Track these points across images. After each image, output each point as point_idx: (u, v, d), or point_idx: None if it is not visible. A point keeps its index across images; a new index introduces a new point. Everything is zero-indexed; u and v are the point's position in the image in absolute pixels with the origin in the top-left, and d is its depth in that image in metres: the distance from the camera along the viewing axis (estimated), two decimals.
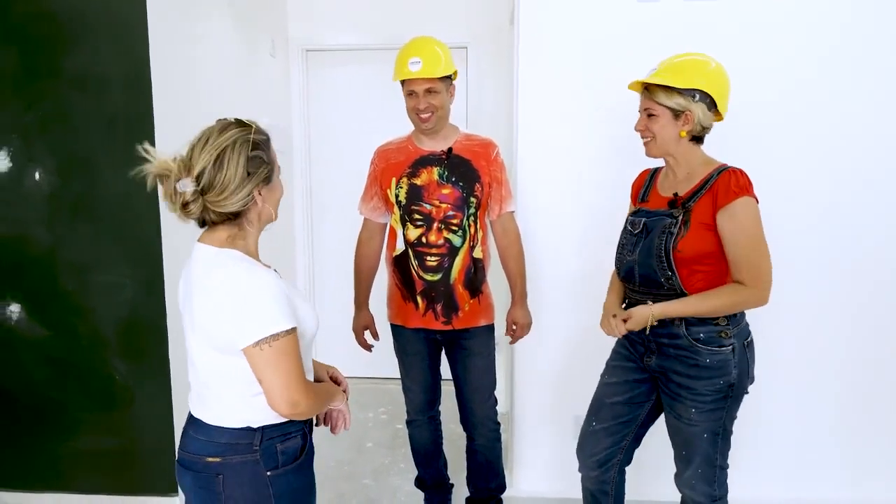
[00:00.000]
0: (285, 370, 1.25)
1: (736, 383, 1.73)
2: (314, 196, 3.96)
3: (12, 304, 2.45)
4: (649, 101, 1.76)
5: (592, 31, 2.46)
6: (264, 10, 3.43)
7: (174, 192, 1.23)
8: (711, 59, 1.76)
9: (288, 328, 1.25)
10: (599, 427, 1.94)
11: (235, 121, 1.29)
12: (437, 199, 2.17)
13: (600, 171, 2.51)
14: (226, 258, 1.27)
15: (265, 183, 1.30)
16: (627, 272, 1.83)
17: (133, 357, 2.45)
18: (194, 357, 1.33)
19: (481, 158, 2.19)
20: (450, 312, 2.22)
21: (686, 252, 1.69)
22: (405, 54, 2.12)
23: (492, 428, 2.34)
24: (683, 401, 1.76)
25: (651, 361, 1.83)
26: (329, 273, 4.00)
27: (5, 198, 2.41)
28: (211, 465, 1.30)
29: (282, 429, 1.33)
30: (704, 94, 1.69)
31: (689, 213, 1.70)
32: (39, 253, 2.42)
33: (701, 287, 1.72)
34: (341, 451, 3.11)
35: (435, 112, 2.13)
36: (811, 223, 2.45)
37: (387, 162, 2.26)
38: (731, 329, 1.73)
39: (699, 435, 1.77)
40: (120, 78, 2.31)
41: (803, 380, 2.54)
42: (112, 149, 2.35)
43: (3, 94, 2.35)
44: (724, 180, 1.68)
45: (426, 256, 2.19)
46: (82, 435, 2.51)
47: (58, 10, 2.29)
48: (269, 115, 3.45)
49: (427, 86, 2.11)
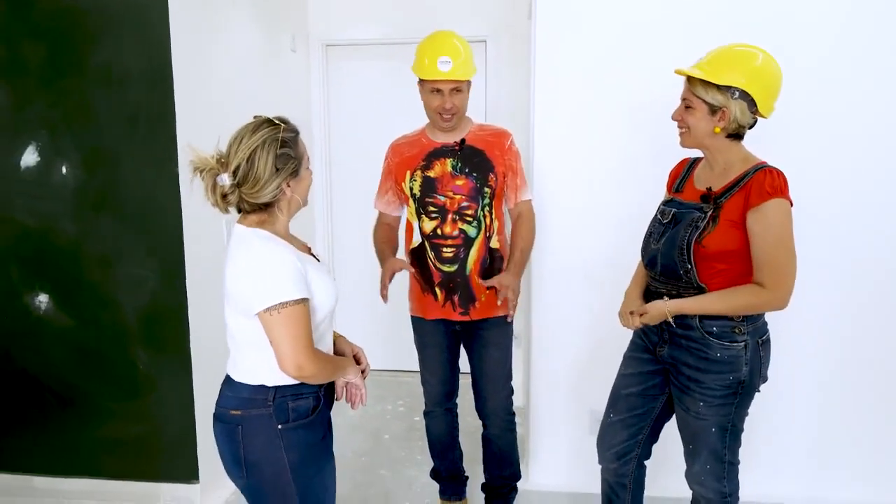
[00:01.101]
0: (293, 335, 1.39)
1: (746, 381, 1.72)
2: (334, 190, 3.99)
3: (41, 294, 2.53)
4: (688, 92, 1.72)
5: (611, 23, 2.44)
6: (285, 6, 3.46)
7: (214, 185, 1.41)
8: (761, 53, 1.69)
9: (297, 297, 1.40)
10: (616, 419, 1.95)
11: (267, 120, 1.45)
12: (451, 191, 2.18)
13: (618, 164, 2.49)
14: (253, 236, 1.45)
15: (293, 176, 1.46)
16: (651, 260, 1.83)
17: (155, 347, 2.51)
18: (227, 321, 1.50)
19: (495, 148, 2.20)
20: (467, 303, 2.23)
21: (710, 248, 1.68)
22: (434, 52, 2.12)
23: (506, 418, 2.36)
24: (692, 393, 1.76)
25: (663, 351, 1.83)
26: (348, 266, 4.04)
27: (34, 191, 2.47)
28: (234, 416, 1.48)
29: (295, 389, 1.48)
30: (745, 92, 1.64)
31: (719, 210, 1.68)
32: (66, 245, 2.48)
33: (719, 284, 1.70)
34: (358, 441, 3.15)
35: (458, 112, 2.15)
36: (835, 222, 2.41)
37: (401, 156, 2.28)
38: (746, 326, 1.71)
39: (707, 429, 1.76)
40: (142, 73, 2.35)
41: (822, 378, 2.50)
42: (135, 143, 2.40)
43: (31, 89, 2.41)
44: (759, 180, 1.64)
45: (442, 248, 2.21)
46: (107, 422, 2.58)
47: (83, 6, 2.34)
48: (290, 110, 3.47)
49: (454, 86, 2.12)
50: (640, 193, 2.24)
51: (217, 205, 1.44)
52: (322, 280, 1.50)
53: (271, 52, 3.25)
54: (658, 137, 2.11)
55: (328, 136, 3.92)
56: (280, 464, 1.46)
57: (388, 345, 4.00)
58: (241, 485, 1.53)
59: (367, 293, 4.03)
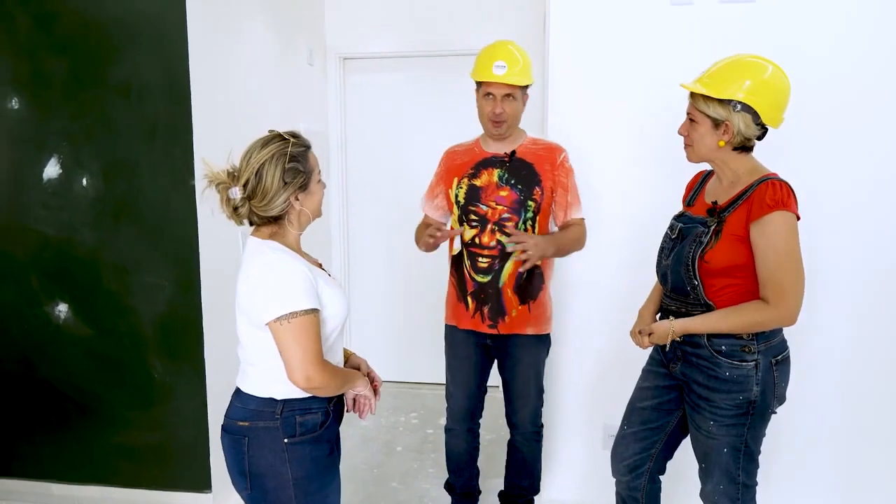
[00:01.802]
0: (302, 346, 1.40)
1: (758, 401, 1.67)
2: (350, 201, 4.02)
3: (60, 303, 2.57)
4: (691, 107, 1.70)
5: (624, 34, 2.43)
6: (302, 19, 3.51)
7: (227, 198, 1.45)
8: (768, 63, 1.65)
9: (307, 308, 1.41)
10: (629, 431, 1.93)
11: (277, 135, 1.48)
12: (494, 201, 2.17)
13: (633, 177, 2.48)
14: (265, 247, 1.47)
15: (302, 190, 1.49)
16: (663, 277, 1.81)
17: (171, 356, 2.54)
18: (239, 332, 1.51)
19: (545, 162, 2.18)
20: (496, 316, 2.21)
21: (713, 263, 1.65)
22: (491, 56, 2.13)
23: (532, 430, 2.34)
24: (703, 412, 1.73)
25: (676, 368, 1.80)
26: (365, 276, 4.06)
27: (55, 202, 2.53)
28: (241, 428, 1.49)
29: (304, 403, 1.48)
30: (746, 105, 1.60)
31: (722, 224, 1.65)
32: (85, 255, 2.53)
33: (728, 301, 1.67)
34: (371, 453, 3.14)
35: (507, 119, 2.14)
36: (858, 235, 2.35)
37: (452, 162, 2.29)
38: (756, 345, 1.67)
39: (718, 449, 1.72)
40: (161, 87, 2.40)
41: (847, 399, 2.43)
42: (153, 155, 2.44)
43: (54, 102, 2.48)
44: (761, 192, 1.60)
45: (478, 257, 2.20)
46: (122, 430, 2.61)
47: (104, 21, 2.40)
48: (307, 122, 3.53)
49: (507, 91, 2.12)
50: (655, 205, 2.22)
51: (231, 217, 1.48)
52: (333, 292, 1.50)
53: (288, 66, 3.30)
54: (673, 148, 2.09)
55: (344, 148, 3.96)
56: (283, 478, 1.46)
57: (402, 356, 4.01)
58: (245, 497, 1.53)
59: (383, 304, 4.07)
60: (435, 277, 2.30)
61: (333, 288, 1.52)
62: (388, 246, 3.96)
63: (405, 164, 3.87)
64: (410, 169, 3.78)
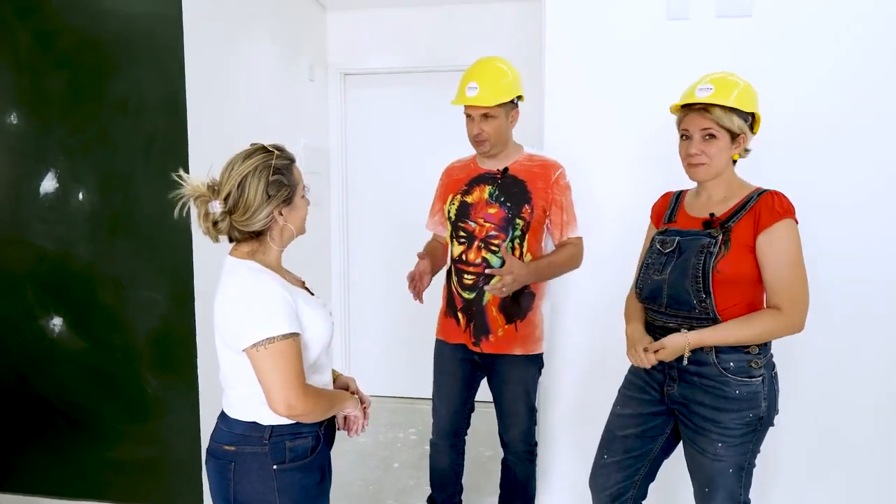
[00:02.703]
0: (282, 372, 1.33)
1: (765, 416, 1.65)
2: (351, 218, 4.02)
3: (55, 317, 2.58)
4: (708, 122, 1.65)
5: (621, 49, 2.43)
6: (304, 35, 3.53)
7: (206, 212, 1.39)
8: (740, 79, 1.70)
9: (285, 332, 1.34)
10: (611, 460, 1.87)
11: (261, 147, 1.43)
12: (483, 218, 2.15)
13: (626, 193, 2.46)
14: (241, 268, 1.41)
15: (286, 204, 1.42)
16: (653, 292, 1.74)
17: (164, 370, 2.53)
18: (219, 355, 1.46)
19: (538, 180, 2.15)
20: (480, 334, 2.18)
21: (726, 273, 1.62)
22: (466, 77, 2.12)
23: (523, 449, 2.29)
24: (708, 434, 1.67)
25: (673, 390, 1.74)
26: (364, 292, 4.05)
27: (52, 216, 2.54)
28: (227, 452, 1.42)
29: (293, 427, 1.42)
30: (754, 116, 1.67)
31: (729, 234, 1.63)
32: (81, 268, 2.54)
33: (735, 312, 1.64)
34: (368, 470, 3.11)
35: (489, 139, 2.12)
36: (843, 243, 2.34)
37: (450, 178, 2.29)
38: (762, 359, 1.65)
39: (724, 470, 1.67)
40: (157, 102, 2.41)
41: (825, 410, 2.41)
42: (148, 170, 2.45)
43: (52, 117, 2.50)
44: (767, 202, 1.62)
45: (464, 274, 2.18)
46: (116, 445, 2.59)
47: (103, 38, 2.42)
48: (308, 137, 3.54)
49: (483, 111, 2.09)
50: None
51: (209, 233, 1.41)
52: (315, 314, 1.44)
53: (289, 81, 3.31)
54: (671, 162, 2.07)
55: (345, 163, 3.97)
56: None
57: (402, 372, 3.98)
58: None
59: (384, 320, 4.05)
60: (435, 293, 2.30)
61: (315, 308, 1.45)
62: (388, 260, 3.94)
63: (406, 179, 3.87)
64: (411, 184, 3.78)
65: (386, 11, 3.73)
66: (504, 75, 2.12)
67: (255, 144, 1.45)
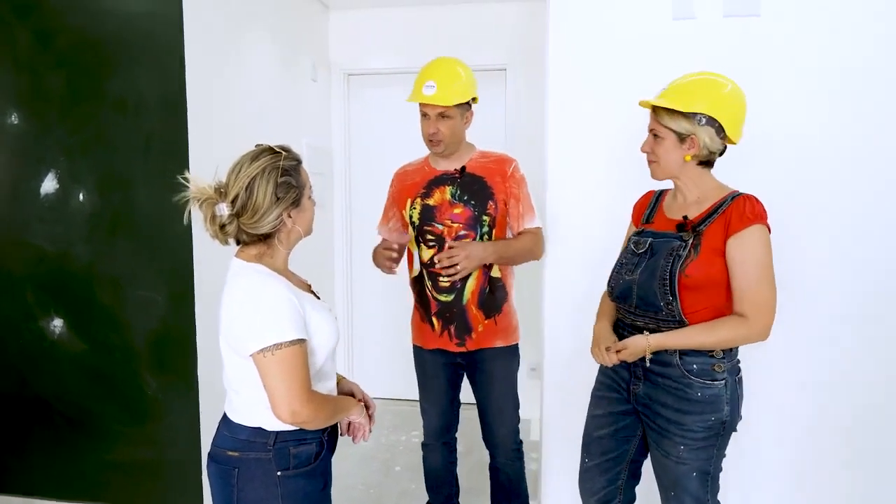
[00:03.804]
0: (287, 378, 1.31)
1: (727, 420, 1.64)
2: (354, 218, 4.00)
3: (55, 317, 2.56)
4: (654, 123, 1.69)
5: (625, 50, 2.39)
6: (306, 35, 3.52)
7: (213, 215, 1.36)
8: (728, 81, 1.67)
9: (292, 339, 1.32)
10: (591, 464, 1.87)
11: (268, 148, 1.41)
12: (449, 219, 2.14)
13: (631, 195, 2.41)
14: (249, 270, 1.39)
15: (294, 206, 1.41)
16: (623, 292, 1.75)
17: (164, 371, 2.51)
18: (224, 359, 1.43)
19: (496, 175, 2.15)
20: (463, 334, 2.18)
21: (694, 277, 1.61)
22: (423, 76, 2.11)
23: (513, 448, 2.28)
24: (671, 436, 1.67)
25: (638, 389, 1.74)
26: (367, 294, 4.02)
27: (52, 216, 2.52)
28: (231, 458, 1.40)
29: (297, 433, 1.40)
30: (711, 118, 1.60)
31: (699, 237, 1.63)
32: (80, 269, 2.52)
33: (702, 317, 1.63)
34: (369, 473, 3.08)
35: (444, 139, 2.11)
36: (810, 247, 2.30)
37: (403, 183, 2.27)
38: (725, 363, 1.64)
39: (688, 474, 1.66)
40: (157, 102, 2.40)
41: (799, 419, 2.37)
42: (148, 169, 2.43)
43: (52, 117, 2.48)
44: (739, 206, 1.60)
45: (439, 277, 2.16)
46: (114, 446, 2.58)
47: (102, 37, 2.41)
48: (310, 138, 3.52)
49: (439, 111, 2.09)
50: None
51: (216, 236, 1.39)
52: (322, 319, 1.42)
53: (291, 81, 3.30)
54: None
55: (348, 164, 3.95)
56: None
57: (404, 374, 3.93)
58: None
59: (387, 322, 4.02)
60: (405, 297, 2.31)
61: (322, 313, 1.43)
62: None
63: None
64: None
65: (389, 11, 3.71)
66: (459, 77, 2.12)
67: (262, 145, 1.42)
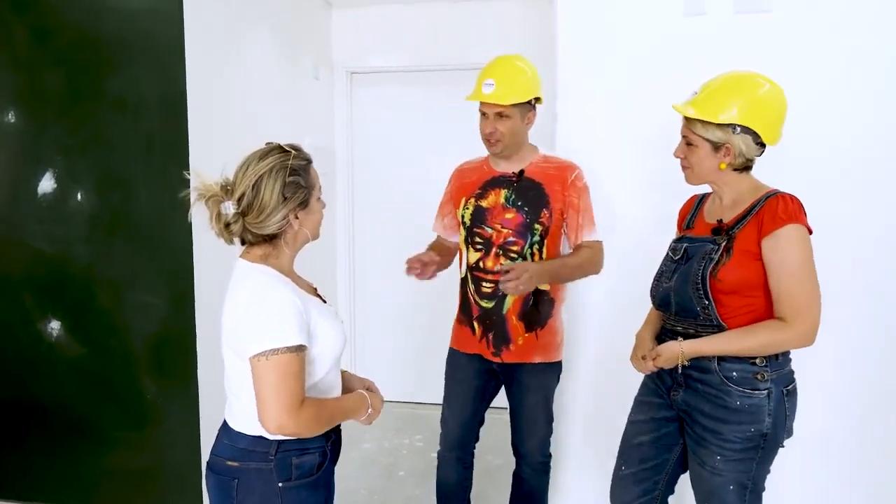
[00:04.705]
0: (277, 387, 1.26)
1: (769, 433, 1.56)
2: (356, 218, 3.96)
3: (53, 320, 2.52)
4: (686, 130, 1.63)
5: (636, 47, 2.35)
6: (308, 33, 3.47)
7: (218, 213, 1.32)
8: (765, 80, 1.58)
9: (292, 344, 1.27)
10: (627, 472, 1.81)
11: (277, 146, 1.37)
12: (500, 224, 2.07)
13: (641, 198, 2.38)
14: (254, 272, 1.35)
15: (302, 207, 1.37)
16: (663, 299, 1.71)
17: (163, 375, 2.46)
18: (225, 362, 1.39)
19: (555, 182, 2.06)
20: (500, 344, 2.10)
21: (726, 281, 1.55)
22: (483, 74, 2.04)
23: (540, 460, 2.22)
24: (708, 445, 1.61)
25: (678, 396, 1.69)
26: (370, 293, 3.98)
27: (50, 217, 2.48)
28: (230, 468, 1.35)
29: (300, 443, 1.35)
30: (746, 127, 1.54)
31: (732, 240, 1.57)
32: (79, 271, 2.48)
33: (742, 321, 1.57)
34: (372, 478, 3.03)
35: (502, 139, 2.04)
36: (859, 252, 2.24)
37: (461, 181, 2.20)
38: (769, 372, 1.56)
39: (724, 486, 1.60)
40: (157, 101, 2.35)
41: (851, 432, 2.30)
42: (148, 169, 2.39)
43: (50, 116, 2.44)
44: (772, 206, 1.54)
45: (482, 282, 2.10)
46: (113, 451, 2.53)
47: (101, 35, 2.36)
48: (313, 136, 3.47)
49: (498, 110, 2.01)
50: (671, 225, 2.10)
51: (220, 234, 1.35)
52: (328, 324, 1.37)
53: (293, 80, 3.25)
54: None
55: (351, 164, 3.90)
56: None
57: (408, 376, 3.91)
58: None
59: (390, 322, 3.98)
60: (443, 295, 2.22)
61: (328, 318, 1.38)
62: (395, 261, 3.83)
63: (414, 180, 3.79)
64: (419, 185, 3.69)
65: (393, 8, 3.66)
66: (522, 74, 2.04)
67: (271, 144, 1.38)
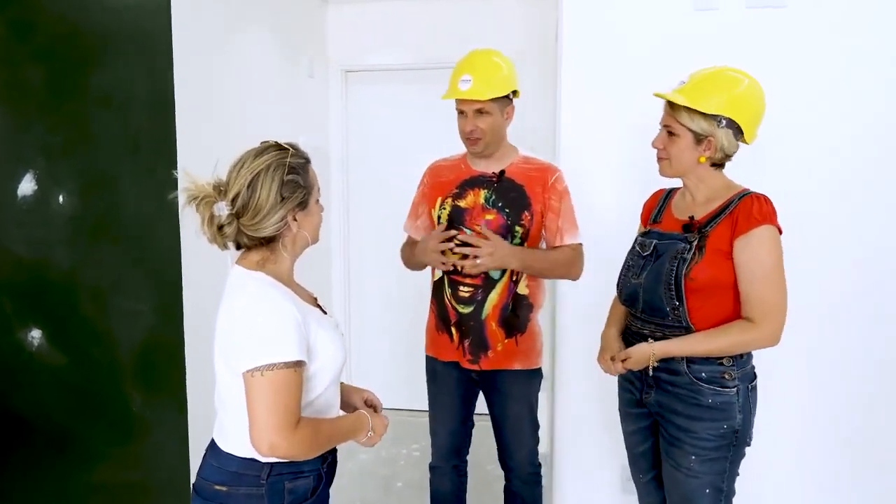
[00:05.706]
0: (271, 405, 1.17)
1: (740, 430, 1.57)
2: (352, 220, 3.87)
3: (34, 329, 2.40)
4: (670, 119, 1.59)
5: (644, 42, 2.28)
6: (302, 31, 3.38)
7: (211, 215, 1.23)
8: (745, 76, 1.57)
9: (288, 360, 1.18)
10: (645, 479, 1.82)
11: (275, 144, 1.29)
12: (479, 225, 1.98)
13: (644, 194, 2.29)
14: (250, 280, 1.26)
15: (300, 208, 1.28)
16: (630, 296, 1.68)
17: (150, 387, 2.35)
18: (217, 377, 1.30)
19: (536, 184, 1.99)
20: (478, 351, 2.01)
21: (699, 281, 1.53)
22: (458, 70, 1.96)
23: (530, 471, 2.14)
24: (682, 445, 1.60)
25: (650, 398, 1.67)
26: (366, 297, 3.89)
27: (30, 220, 2.36)
28: (218, 493, 1.26)
29: (294, 466, 1.26)
30: (731, 120, 1.53)
31: (704, 239, 1.54)
32: (61, 277, 2.36)
33: (709, 323, 1.55)
34: (369, 490, 2.94)
35: (483, 137, 1.96)
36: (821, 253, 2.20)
37: (436, 179, 2.12)
38: (736, 371, 1.56)
39: (700, 489, 1.58)
40: (144, 98, 2.24)
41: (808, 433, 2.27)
42: (134, 170, 2.28)
43: (30, 113, 2.32)
44: (746, 206, 1.52)
45: (460, 286, 2.01)
46: (98, 466, 2.42)
47: (84, 29, 2.25)
48: (307, 136, 3.38)
49: (477, 107, 1.93)
50: None
51: (214, 239, 1.25)
52: (328, 337, 1.29)
53: (287, 78, 3.16)
54: None
55: (346, 163, 3.81)
56: None
57: (405, 383, 3.80)
58: None
59: (386, 328, 3.88)
60: (421, 306, 2.15)
61: (328, 331, 1.30)
62: (391, 263, 3.77)
63: (410, 180, 3.66)
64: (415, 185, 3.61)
65: (389, 5, 3.57)
66: (499, 69, 1.96)
67: (267, 141, 1.28)
